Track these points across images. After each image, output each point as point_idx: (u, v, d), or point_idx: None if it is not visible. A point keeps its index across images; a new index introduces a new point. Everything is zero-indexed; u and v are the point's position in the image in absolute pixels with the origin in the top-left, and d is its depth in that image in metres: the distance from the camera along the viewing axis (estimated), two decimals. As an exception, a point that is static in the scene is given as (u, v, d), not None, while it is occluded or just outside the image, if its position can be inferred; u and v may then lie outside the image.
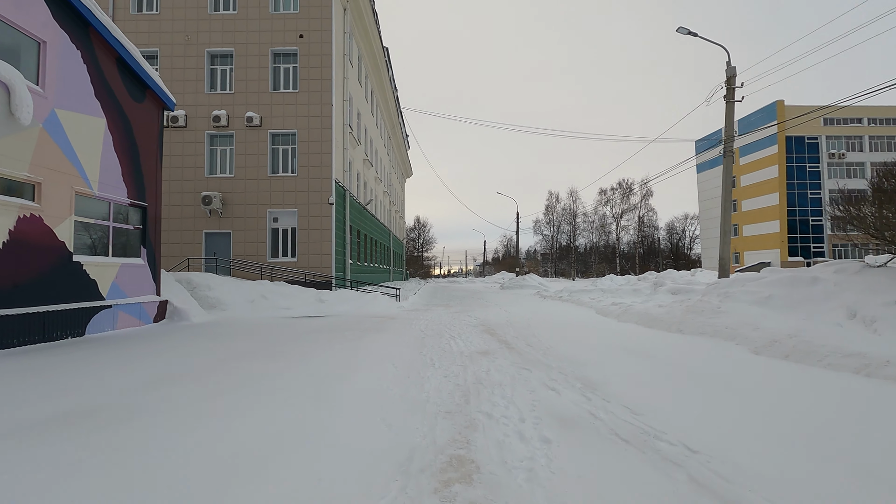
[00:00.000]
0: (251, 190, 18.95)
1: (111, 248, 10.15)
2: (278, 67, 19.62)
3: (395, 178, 46.92)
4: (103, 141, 9.84)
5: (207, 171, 19.12)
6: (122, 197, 10.39)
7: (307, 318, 12.85)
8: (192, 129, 19.11)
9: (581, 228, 73.80)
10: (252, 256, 18.83)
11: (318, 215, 18.96)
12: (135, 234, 11.04)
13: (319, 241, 18.94)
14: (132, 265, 10.74)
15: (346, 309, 15.14)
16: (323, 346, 7.74)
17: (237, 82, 19.26)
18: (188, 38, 19.31)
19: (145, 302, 10.95)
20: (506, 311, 15.33)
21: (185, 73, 19.26)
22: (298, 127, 19.12)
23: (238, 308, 14.09)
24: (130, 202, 10.68)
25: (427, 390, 4.84)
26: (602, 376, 5.38)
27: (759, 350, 6.81)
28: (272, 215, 19.17)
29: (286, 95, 19.20)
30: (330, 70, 19.21)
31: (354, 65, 24.51)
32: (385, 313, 14.28)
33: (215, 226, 18.92)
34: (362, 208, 26.27)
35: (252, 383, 5.06)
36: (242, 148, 19.08)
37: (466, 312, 14.74)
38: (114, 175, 10.16)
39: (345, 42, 21.80)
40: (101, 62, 9.85)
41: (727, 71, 13.09)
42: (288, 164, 19.38)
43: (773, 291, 9.05)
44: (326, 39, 19.28)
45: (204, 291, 14.03)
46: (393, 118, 41.00)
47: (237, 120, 19.10)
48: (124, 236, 10.70)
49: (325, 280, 18.64)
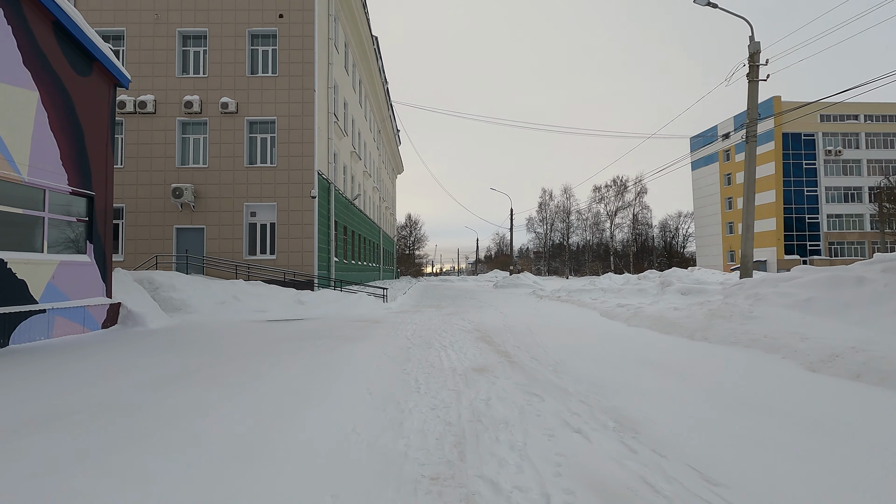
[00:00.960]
0: (226, 182, 17.52)
1: (46, 244, 8.73)
2: (256, 50, 18.19)
3: (386, 173, 45.52)
4: (35, 118, 8.42)
5: (179, 161, 17.64)
6: (60, 184, 8.96)
7: (282, 322, 11.50)
8: (162, 116, 17.63)
9: (575, 226, 72.84)
10: (227, 254, 17.41)
11: (299, 209, 17.57)
12: (79, 227, 9.62)
13: (301, 238, 17.55)
14: (75, 263, 9.32)
15: (328, 311, 13.80)
16: (286, 360, 6.42)
17: (211, 65, 17.80)
18: (157, 17, 17.81)
19: (91, 305, 9.53)
20: (502, 312, 14.08)
21: (155, 55, 17.77)
22: (278, 114, 17.71)
23: (206, 311, 12.70)
24: (72, 190, 9.26)
25: (407, 433, 3.55)
26: (638, 409, 4.12)
27: (817, 366, 5.59)
28: (249, 209, 17.75)
29: (264, 80, 17.78)
30: (312, 53, 17.81)
31: (341, 51, 23.12)
32: (369, 316, 12.97)
33: (187, 221, 17.46)
34: (349, 203, 24.89)
35: (159, 430, 3.72)
36: (217, 136, 17.64)
37: (459, 315, 13.46)
38: (50, 158, 8.74)
39: (329, 25, 20.40)
40: (33, 25, 8.41)
41: (750, 47, 11.90)
42: (267, 155, 17.97)
43: (812, 293, 7.86)
44: (308, 20, 17.87)
45: (168, 293, 12.63)
46: (383, 111, 39.59)
47: (211, 106, 17.65)
48: (65, 230, 9.28)
49: (307, 279, 17.26)
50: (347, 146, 24.91)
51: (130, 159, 17.49)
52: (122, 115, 17.54)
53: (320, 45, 18.57)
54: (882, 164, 55.22)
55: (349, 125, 25.47)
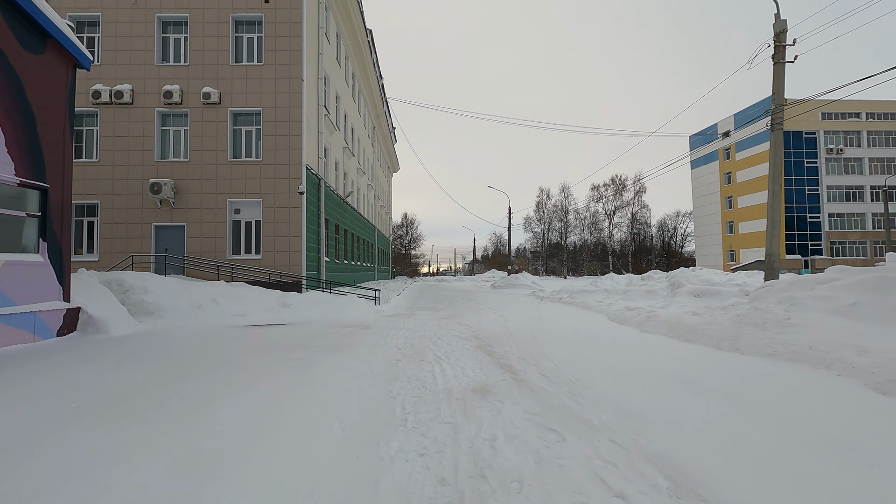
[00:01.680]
0: (209, 177, 16.47)
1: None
2: (240, 37, 17.15)
3: (381, 171, 44.48)
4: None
5: (158, 155, 16.58)
6: (5, 174, 7.93)
7: (261, 328, 10.49)
8: (140, 107, 16.57)
9: (573, 225, 71.98)
10: (209, 253, 16.36)
11: (286, 206, 16.54)
12: (30, 223, 8.58)
13: (288, 236, 16.52)
14: (23, 263, 8.29)
15: (314, 315, 12.79)
16: (249, 378, 5.41)
17: (192, 53, 16.75)
18: (136, 2, 16.74)
19: (44, 311, 8.49)
20: (502, 316, 13.11)
21: (132, 42, 16.71)
22: (264, 105, 16.67)
23: (181, 315, 11.67)
24: (21, 181, 8.22)
25: (385, 500, 2.56)
26: (693, 455, 3.14)
27: (887, 388, 4.63)
28: (233, 206, 16.71)
29: (249, 69, 16.73)
30: (300, 40, 16.78)
31: (332, 42, 22.10)
32: (359, 321, 11.97)
33: (166, 218, 16.40)
34: (341, 201, 23.87)
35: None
36: (199, 129, 16.59)
37: (456, 319, 12.48)
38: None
39: (320, 14, 19.39)
40: (-31, -8, 7.38)
41: (775, 26, 10.95)
42: (252, 148, 16.93)
43: (857, 298, 6.91)
44: (296, 5, 16.83)
45: (139, 295, 11.59)
46: (378, 107, 38.56)
47: (192, 96, 16.60)
48: (11, 226, 8.25)
49: (294, 281, 16.24)
50: (340, 141, 23.89)
51: (106, 153, 16.42)
52: (97, 106, 16.48)
53: (309, 32, 17.55)
54: (884, 163, 54.57)
55: (341, 120, 24.45)
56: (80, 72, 16.51)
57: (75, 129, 16.72)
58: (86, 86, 16.48)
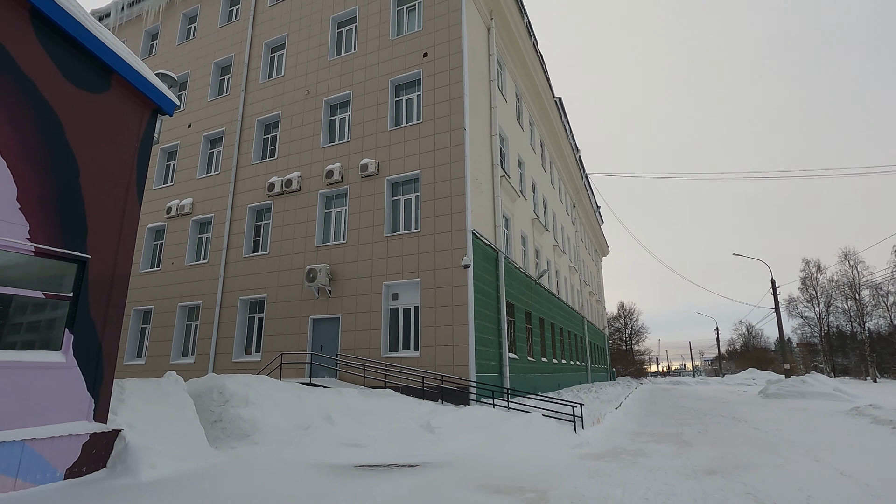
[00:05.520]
0: (364, 258, 13.88)
1: (-49, 332, 5.28)
2: (400, 101, 15.21)
3: (586, 253, 38.85)
4: (-34, 134, 5.45)
5: (319, 239, 14.92)
6: (9, 237, 5.69)
7: (370, 474, 6.03)
8: (306, 192, 15.50)
9: (869, 305, 51.70)
10: (363, 350, 13.21)
11: (447, 286, 12.63)
12: (52, 307, 6.18)
13: (450, 324, 12.37)
14: (24, 366, 5.70)
15: (465, 448, 7.79)
16: None
17: (353, 127, 15.34)
18: (308, 93, 16.55)
19: (42, 438, 5.63)
20: (839, 471, 5.99)
21: (303, 131, 16.26)
22: (422, 166, 13.83)
23: (280, 438, 8.07)
24: (37, 248, 5.93)
25: None
26: None
27: None
28: (390, 290, 13.57)
29: (407, 131, 14.37)
30: (461, 86, 13.87)
31: (510, 101, 19.19)
32: (532, 468, 6.49)
33: (322, 309, 14.12)
34: (532, 282, 19.20)
35: None
36: (356, 205, 14.52)
37: (734, 474, 6.00)
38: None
39: (490, 65, 16.71)
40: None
41: None
42: (410, 219, 13.98)
43: None
44: (456, 49, 14.26)
45: (236, 409, 8.50)
46: (576, 181, 34.28)
47: (352, 172, 14.85)
48: (21, 310, 5.87)
49: (460, 387, 11.65)
50: (526, 211, 19.89)
51: (275, 243, 15.50)
52: (272, 198, 16.04)
53: (473, 80, 14.67)
54: None
55: (527, 188, 20.66)
56: (258, 167, 16.55)
57: (254, 225, 16.54)
58: (262, 181, 16.36)
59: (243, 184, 16.84)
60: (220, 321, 15.65)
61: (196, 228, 17.67)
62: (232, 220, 16.61)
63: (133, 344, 17.48)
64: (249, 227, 16.42)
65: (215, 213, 17.08)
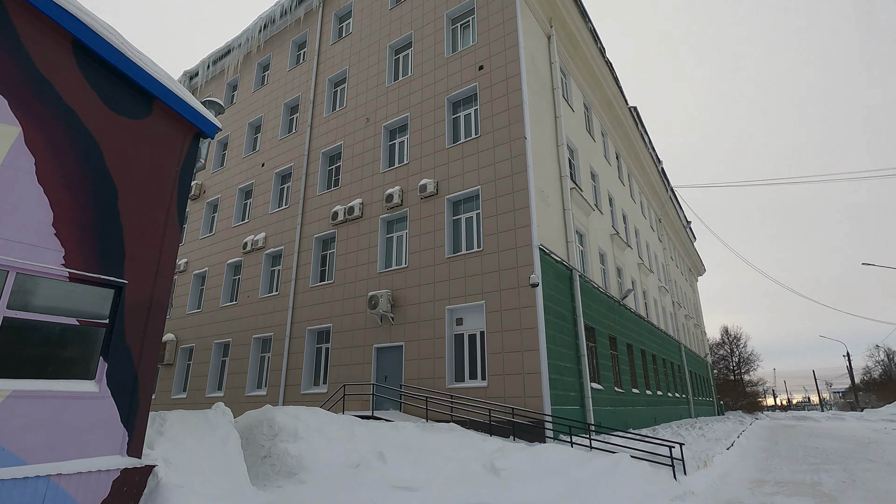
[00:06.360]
0: (426, 281, 13.17)
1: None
2: (457, 117, 14.68)
3: (678, 272, 35.45)
4: (5, 161, 5.49)
5: (381, 265, 14.48)
6: (46, 263, 5.60)
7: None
8: (367, 218, 15.27)
9: None
10: (428, 380, 12.31)
11: (514, 307, 11.49)
12: (85, 334, 5.99)
13: (519, 351, 11.15)
14: (62, 395, 5.48)
15: (533, 496, 6.51)
16: None
17: (411, 149, 15.00)
18: (368, 120, 16.59)
19: (78, 473, 5.31)
20: None
21: (364, 158, 16.22)
22: (481, 181, 13.03)
23: (328, 478, 7.31)
24: (71, 274, 5.81)
25: None
26: None
27: None
28: (453, 314, 12.67)
29: (465, 147, 13.71)
30: (519, 94, 13.04)
31: (577, 110, 18.04)
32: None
33: (385, 337, 13.51)
34: (616, 304, 17.38)
35: None
36: (416, 227, 13.96)
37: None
38: (26, 223, 5.54)
39: (552, 73, 15.83)
40: (26, 39, 5.92)
41: None
42: (472, 238, 13.12)
43: None
44: (513, 57, 13.52)
45: (284, 444, 7.91)
46: (660, 194, 31.71)
47: (411, 194, 14.40)
48: (49, 338, 5.72)
49: (534, 421, 10.29)
50: (604, 226, 18.27)
51: (339, 271, 15.32)
52: (335, 227, 16.01)
53: (533, 87, 13.80)
54: None
55: (603, 201, 19.07)
56: (323, 198, 16.69)
57: (321, 255, 16.57)
58: (327, 211, 16.43)
59: (310, 215, 17.05)
60: (290, 352, 15.60)
61: (269, 261, 18.11)
62: (300, 251, 16.79)
63: (214, 377, 18.01)
64: (316, 257, 16.47)
65: (285, 245, 17.40)
